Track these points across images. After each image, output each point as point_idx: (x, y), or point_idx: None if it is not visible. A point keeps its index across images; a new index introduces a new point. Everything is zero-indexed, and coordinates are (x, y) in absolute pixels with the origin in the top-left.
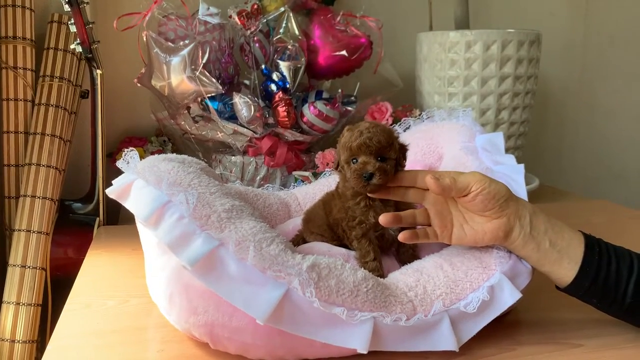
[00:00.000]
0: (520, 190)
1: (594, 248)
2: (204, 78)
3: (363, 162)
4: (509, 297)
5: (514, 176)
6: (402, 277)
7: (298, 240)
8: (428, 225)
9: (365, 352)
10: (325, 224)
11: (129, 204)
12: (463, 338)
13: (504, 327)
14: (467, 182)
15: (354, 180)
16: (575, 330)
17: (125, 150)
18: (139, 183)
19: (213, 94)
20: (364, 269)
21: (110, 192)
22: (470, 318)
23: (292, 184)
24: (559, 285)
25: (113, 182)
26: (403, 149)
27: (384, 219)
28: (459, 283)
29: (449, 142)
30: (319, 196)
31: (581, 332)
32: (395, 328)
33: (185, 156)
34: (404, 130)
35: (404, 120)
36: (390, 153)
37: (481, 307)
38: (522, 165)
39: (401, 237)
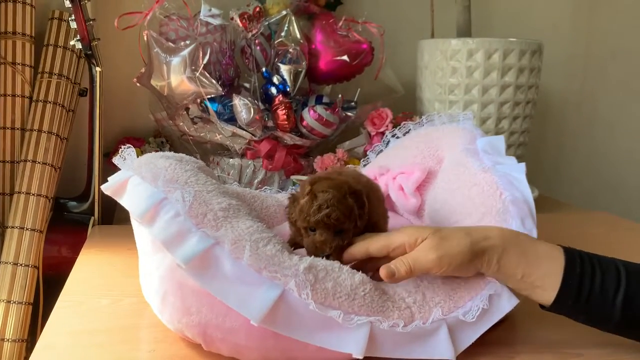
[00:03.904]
0: (524, 188)
1: (575, 267)
2: (204, 79)
3: (320, 240)
4: (506, 303)
5: (515, 175)
6: (401, 282)
7: (293, 243)
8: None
9: (360, 357)
10: None
11: (124, 201)
12: (460, 347)
13: (502, 335)
14: (425, 269)
15: (310, 252)
16: (575, 339)
17: (122, 147)
18: (135, 180)
19: (213, 96)
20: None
21: (106, 188)
22: (468, 326)
23: (290, 187)
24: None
25: (109, 178)
26: (362, 206)
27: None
28: (458, 290)
29: (449, 146)
30: None
31: (580, 341)
32: (392, 334)
33: (183, 155)
34: (404, 134)
35: (404, 124)
36: (348, 224)
37: (479, 315)
38: (523, 164)
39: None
